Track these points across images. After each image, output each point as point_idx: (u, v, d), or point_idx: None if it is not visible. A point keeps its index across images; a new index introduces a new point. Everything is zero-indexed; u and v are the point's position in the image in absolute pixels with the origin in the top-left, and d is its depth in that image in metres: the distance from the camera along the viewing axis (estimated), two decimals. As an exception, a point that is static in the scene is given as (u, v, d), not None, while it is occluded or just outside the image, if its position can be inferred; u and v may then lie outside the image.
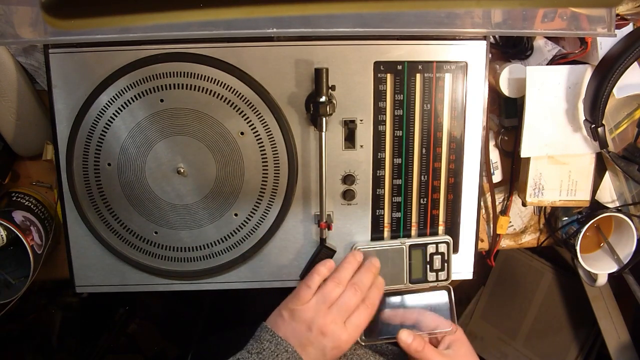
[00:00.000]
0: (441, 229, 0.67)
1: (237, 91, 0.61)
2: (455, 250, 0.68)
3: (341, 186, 0.65)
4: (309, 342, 0.55)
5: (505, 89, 0.68)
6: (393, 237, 0.67)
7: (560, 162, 0.71)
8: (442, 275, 0.65)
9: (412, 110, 0.63)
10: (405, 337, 0.60)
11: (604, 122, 0.63)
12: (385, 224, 0.67)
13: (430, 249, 0.65)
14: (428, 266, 0.65)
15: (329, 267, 0.60)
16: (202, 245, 0.65)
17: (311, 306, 0.56)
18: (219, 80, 0.61)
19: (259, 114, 0.62)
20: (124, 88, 0.60)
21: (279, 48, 0.61)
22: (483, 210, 0.77)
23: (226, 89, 0.61)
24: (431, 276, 0.65)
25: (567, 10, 0.53)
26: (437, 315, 0.64)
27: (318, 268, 0.59)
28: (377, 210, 0.66)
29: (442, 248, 0.65)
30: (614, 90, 0.64)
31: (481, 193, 0.67)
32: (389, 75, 0.62)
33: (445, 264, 0.65)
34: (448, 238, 0.65)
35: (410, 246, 0.65)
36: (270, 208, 0.64)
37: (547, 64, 0.69)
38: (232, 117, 0.62)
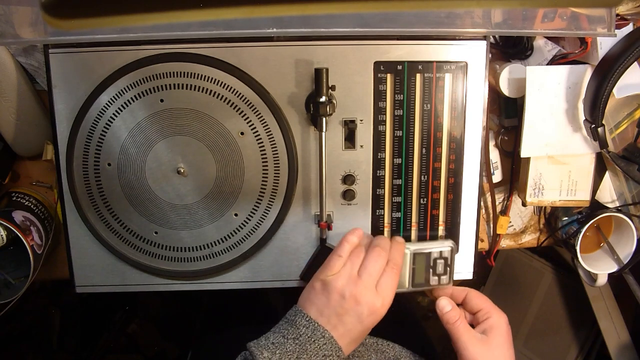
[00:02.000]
0: (441, 229, 0.67)
1: (237, 91, 0.61)
2: (456, 250, 0.68)
3: (341, 186, 0.65)
4: (345, 310, 0.55)
5: (505, 89, 0.68)
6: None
7: (560, 162, 0.71)
8: (445, 279, 0.65)
9: (412, 110, 0.63)
10: (443, 305, 0.60)
11: (604, 122, 0.63)
12: (385, 224, 0.67)
13: (434, 254, 0.65)
14: (431, 270, 0.65)
15: (358, 235, 0.60)
16: (202, 245, 0.65)
17: (343, 275, 0.56)
18: (219, 80, 0.61)
19: (259, 114, 0.62)
20: (124, 88, 0.60)
21: (279, 48, 0.61)
22: (483, 210, 0.77)
23: (226, 89, 0.61)
24: (433, 280, 0.65)
25: (567, 10, 0.53)
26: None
27: (348, 237, 0.60)
28: (377, 210, 0.66)
29: (446, 253, 0.65)
30: (614, 90, 0.64)
31: (481, 193, 0.67)
32: (389, 75, 0.62)
33: (448, 268, 0.65)
34: (452, 243, 0.65)
35: (415, 253, 0.64)
36: (270, 208, 0.64)
37: (547, 64, 0.69)
38: (232, 117, 0.62)
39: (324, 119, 0.60)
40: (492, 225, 0.77)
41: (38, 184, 0.72)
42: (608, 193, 0.74)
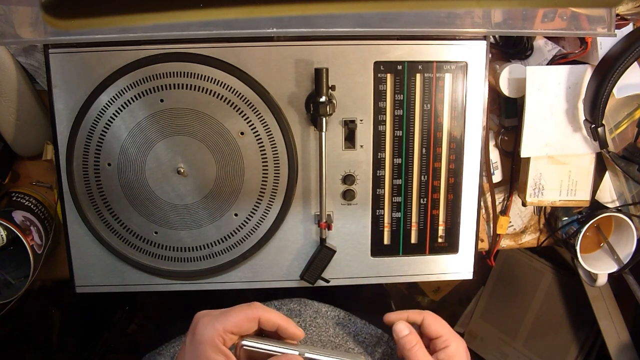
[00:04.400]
0: (441, 229, 0.67)
1: (237, 91, 0.61)
2: (455, 250, 0.68)
3: (341, 186, 0.65)
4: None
5: (505, 89, 0.68)
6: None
7: (560, 162, 0.71)
8: None
9: (412, 110, 0.63)
10: (401, 329, 0.55)
11: (604, 122, 0.63)
12: (385, 224, 0.67)
13: None
14: None
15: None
16: (202, 245, 0.65)
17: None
18: (219, 80, 0.61)
19: (259, 114, 0.62)
20: (124, 88, 0.60)
21: (279, 48, 0.61)
22: (483, 210, 0.77)
23: (226, 89, 0.61)
24: None
25: (567, 10, 0.53)
26: None
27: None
28: (377, 210, 0.66)
29: None
30: (614, 90, 0.64)
31: (481, 193, 0.67)
32: (389, 75, 0.62)
33: None
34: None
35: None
36: (270, 208, 0.64)
37: (547, 64, 0.69)
38: (232, 117, 0.62)
39: (324, 119, 0.60)
40: (492, 225, 0.77)
41: (38, 184, 0.72)
42: (608, 193, 0.74)
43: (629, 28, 0.64)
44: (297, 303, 0.67)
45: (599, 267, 0.74)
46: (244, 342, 0.48)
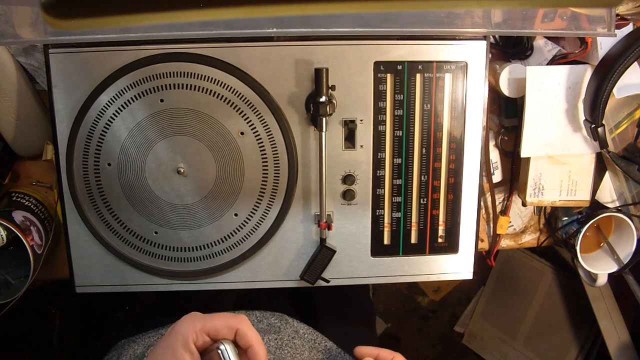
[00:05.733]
0: (441, 229, 0.67)
1: (237, 91, 0.61)
2: (455, 250, 0.68)
3: (341, 186, 0.65)
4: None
5: (505, 89, 0.68)
6: (391, 243, 0.66)
7: (560, 162, 0.71)
8: None
9: (412, 110, 0.63)
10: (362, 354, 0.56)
11: (604, 122, 0.63)
12: (385, 224, 0.67)
13: None
14: None
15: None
16: (202, 245, 0.65)
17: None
18: (219, 80, 0.61)
19: (259, 114, 0.62)
20: (124, 88, 0.61)
21: (279, 48, 0.61)
22: (483, 210, 0.77)
23: (226, 89, 0.61)
24: None
25: (567, 10, 0.53)
26: None
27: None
28: (377, 210, 0.66)
29: None
30: (614, 90, 0.64)
31: (481, 193, 0.67)
32: (389, 75, 0.62)
33: None
34: None
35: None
36: (270, 208, 0.64)
37: (547, 64, 0.69)
38: (232, 117, 0.62)
39: (324, 119, 0.60)
40: (492, 225, 0.77)
41: (38, 184, 0.72)
42: (608, 193, 0.74)
43: (629, 28, 0.64)
44: (278, 319, 0.68)
45: (599, 267, 0.74)
46: (221, 347, 0.47)
